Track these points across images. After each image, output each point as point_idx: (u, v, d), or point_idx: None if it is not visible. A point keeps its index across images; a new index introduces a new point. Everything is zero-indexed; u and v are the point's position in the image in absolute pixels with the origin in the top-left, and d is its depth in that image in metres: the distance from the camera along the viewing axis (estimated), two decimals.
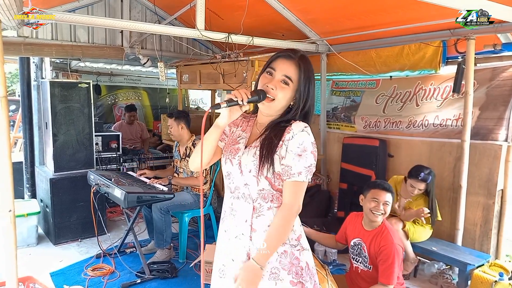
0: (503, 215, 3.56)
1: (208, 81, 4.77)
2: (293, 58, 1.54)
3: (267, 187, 1.54)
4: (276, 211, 1.55)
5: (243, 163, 1.55)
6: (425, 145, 4.01)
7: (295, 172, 1.49)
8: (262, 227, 1.54)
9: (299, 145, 1.49)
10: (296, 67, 1.53)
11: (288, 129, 1.51)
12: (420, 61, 3.95)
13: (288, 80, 1.52)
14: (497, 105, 3.53)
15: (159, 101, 7.70)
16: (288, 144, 1.49)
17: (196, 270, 3.60)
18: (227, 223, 1.64)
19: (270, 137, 1.54)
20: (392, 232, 2.74)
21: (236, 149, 1.61)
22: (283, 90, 1.51)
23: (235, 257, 1.59)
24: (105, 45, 5.11)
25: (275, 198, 1.55)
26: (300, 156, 1.49)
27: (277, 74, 1.53)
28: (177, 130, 3.84)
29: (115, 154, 5.20)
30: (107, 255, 3.81)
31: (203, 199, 1.51)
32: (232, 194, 1.61)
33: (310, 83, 1.55)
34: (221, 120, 1.51)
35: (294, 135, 1.49)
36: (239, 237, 1.58)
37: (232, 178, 1.60)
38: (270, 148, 1.51)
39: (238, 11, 4.48)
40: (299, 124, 1.51)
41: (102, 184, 3.43)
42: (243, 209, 1.57)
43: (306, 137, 1.50)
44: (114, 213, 5.06)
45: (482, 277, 3.11)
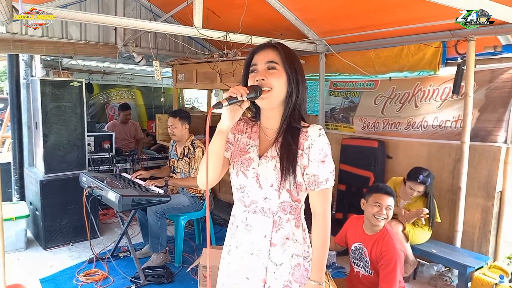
0: (502, 217, 3.55)
1: (205, 81, 4.69)
2: (268, 46, 1.47)
3: (287, 199, 1.47)
4: (295, 222, 1.50)
5: (262, 176, 1.45)
6: (424, 146, 3.98)
7: (323, 180, 1.45)
8: (281, 240, 1.48)
9: (320, 151, 1.43)
10: (274, 50, 1.45)
11: (304, 135, 1.45)
12: (419, 62, 3.91)
13: (273, 65, 1.42)
14: (496, 107, 3.52)
15: (153, 101, 7.58)
16: (309, 153, 1.43)
17: (193, 275, 3.51)
18: (240, 238, 1.54)
19: (287, 144, 1.44)
20: (394, 236, 2.70)
21: (248, 160, 1.50)
22: (273, 75, 1.41)
23: (250, 276, 1.52)
24: (98, 42, 4.98)
25: (293, 209, 1.49)
26: (323, 163, 1.44)
27: (260, 65, 1.44)
28: (180, 130, 3.76)
29: (108, 155, 5.09)
30: (100, 260, 3.71)
31: (209, 204, 1.43)
32: (247, 208, 1.51)
33: (295, 63, 1.45)
34: (223, 124, 1.38)
35: (313, 142, 1.43)
36: (256, 254, 1.50)
37: (247, 192, 1.50)
38: (290, 158, 1.43)
39: (236, 10, 4.39)
40: (314, 128, 1.45)
41: (95, 186, 3.33)
42: (261, 224, 1.49)
43: (324, 141, 1.45)
44: (106, 216, 4.95)
45: (482, 280, 3.08)
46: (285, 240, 1.48)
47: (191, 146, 3.75)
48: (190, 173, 3.72)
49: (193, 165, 3.70)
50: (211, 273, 3.31)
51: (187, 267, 3.64)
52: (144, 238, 3.95)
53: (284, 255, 1.49)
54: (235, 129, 1.58)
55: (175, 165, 3.89)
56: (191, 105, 8.29)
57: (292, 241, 1.50)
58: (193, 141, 3.79)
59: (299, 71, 1.46)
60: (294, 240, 1.50)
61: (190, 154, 3.73)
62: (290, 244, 1.49)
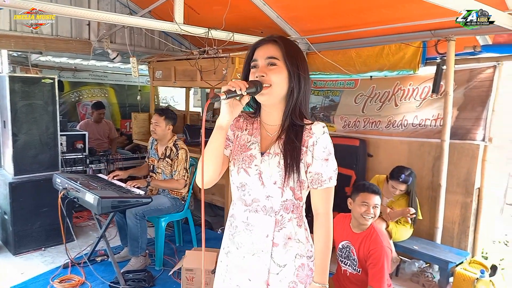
0: (480, 213, 3.64)
1: (184, 78, 4.57)
2: (268, 40, 1.42)
3: (290, 197, 1.43)
4: (297, 221, 1.46)
5: (265, 173, 1.41)
6: (404, 144, 4.03)
7: (326, 179, 1.42)
8: (283, 240, 1.44)
9: (324, 149, 1.41)
10: (276, 45, 1.40)
11: (309, 132, 1.41)
12: (399, 62, 3.95)
13: (273, 60, 1.37)
14: (474, 105, 3.60)
15: (127, 99, 7.36)
16: (313, 150, 1.40)
17: (175, 278, 3.41)
18: (240, 239, 1.48)
19: (291, 141, 1.40)
20: (381, 234, 2.71)
21: (250, 156, 1.45)
22: (273, 71, 1.37)
23: (252, 277, 1.47)
24: (71, 38, 4.78)
25: (295, 207, 1.45)
26: (327, 161, 1.41)
27: (260, 61, 1.39)
28: (163, 129, 3.64)
29: (81, 155, 4.88)
30: (76, 265, 3.53)
31: (204, 207, 1.36)
32: (247, 208, 1.46)
33: (297, 59, 1.40)
34: (223, 119, 1.32)
35: (317, 140, 1.40)
36: (258, 255, 1.45)
37: (248, 190, 1.45)
38: (294, 155, 1.39)
39: (216, 6, 4.32)
40: (319, 126, 1.42)
41: (71, 188, 3.16)
42: (263, 223, 1.44)
43: (328, 139, 1.42)
44: (80, 219, 4.75)
45: (464, 275, 3.14)
46: (288, 240, 1.44)
47: (174, 147, 3.64)
48: (173, 175, 3.60)
49: (176, 168, 3.58)
50: (194, 276, 3.24)
51: (168, 270, 3.52)
52: (122, 241, 3.81)
53: (287, 256, 1.45)
54: (234, 126, 1.53)
55: (155, 164, 3.77)
56: (167, 103, 8.11)
57: (294, 241, 1.46)
58: (176, 142, 3.68)
59: (302, 67, 1.41)
60: (296, 240, 1.46)
61: (173, 156, 3.61)
62: (292, 244, 1.45)
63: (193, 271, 3.19)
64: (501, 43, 3.31)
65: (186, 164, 3.63)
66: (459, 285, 3.14)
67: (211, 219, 4.89)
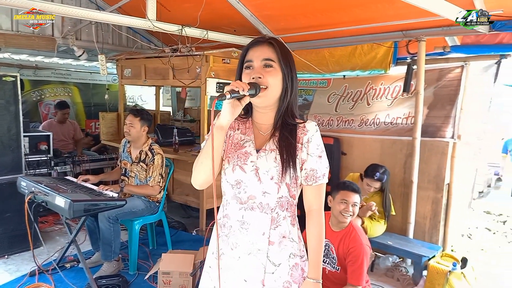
0: (449, 208, 3.76)
1: (155, 77, 4.46)
2: (263, 41, 1.43)
3: (285, 194, 1.43)
4: (290, 220, 1.46)
5: (262, 169, 1.41)
6: (377, 142, 4.12)
7: (320, 175, 1.44)
8: (278, 238, 1.44)
9: (317, 146, 1.44)
10: (271, 47, 1.41)
11: (303, 130, 1.44)
12: (371, 61, 4.03)
13: (270, 62, 1.39)
14: (444, 104, 3.73)
15: (92, 98, 7.07)
16: (308, 147, 1.43)
17: (151, 282, 3.30)
18: (235, 239, 1.45)
19: (286, 138, 1.42)
20: (360, 232, 2.74)
21: (245, 154, 1.45)
22: (270, 74, 1.38)
23: (248, 277, 1.44)
24: (33, 34, 4.54)
25: (289, 205, 1.46)
26: (321, 158, 1.45)
27: (256, 62, 1.40)
28: (138, 131, 3.49)
29: (45, 157, 4.64)
30: (44, 272, 3.35)
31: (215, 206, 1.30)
32: (243, 205, 1.43)
33: (289, 60, 1.43)
34: (224, 119, 1.33)
35: (311, 137, 1.43)
36: (254, 254, 1.43)
37: (244, 187, 1.43)
38: (290, 151, 1.41)
39: (187, 4, 4.24)
40: (312, 124, 1.46)
41: (39, 191, 2.98)
42: (259, 221, 1.43)
43: (320, 137, 1.47)
44: (45, 224, 4.51)
45: (437, 268, 3.24)
46: (282, 239, 1.44)
47: (150, 152, 3.51)
48: (148, 181, 3.49)
49: (151, 173, 3.46)
50: (171, 279, 3.16)
51: (143, 274, 3.41)
52: (93, 246, 3.65)
53: (281, 255, 1.45)
54: None
55: (128, 168, 3.63)
56: (134, 102, 7.89)
57: (288, 240, 1.46)
58: (151, 146, 3.55)
59: (293, 68, 1.45)
60: (290, 239, 1.46)
61: (148, 161, 3.49)
62: (287, 243, 1.45)
63: (170, 274, 3.11)
64: (469, 44, 3.45)
65: (162, 169, 3.51)
66: (433, 278, 3.23)
67: (185, 221, 4.79)
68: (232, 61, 4.15)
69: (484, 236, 5.03)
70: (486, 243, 4.73)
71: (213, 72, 3.96)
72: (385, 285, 3.46)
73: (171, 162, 3.91)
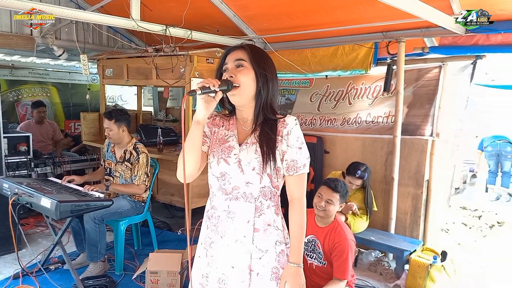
0: (429, 203, 3.89)
1: (138, 76, 4.43)
2: (238, 47, 1.56)
3: (268, 184, 1.52)
4: (274, 209, 1.56)
5: (244, 161, 1.51)
6: (359, 141, 4.21)
7: (301, 165, 1.53)
8: (263, 226, 1.54)
9: (297, 138, 1.53)
10: (243, 50, 1.53)
11: (282, 124, 1.53)
12: (352, 62, 4.12)
13: (240, 62, 1.49)
14: (423, 103, 3.85)
15: (71, 98, 6.94)
16: (288, 139, 1.52)
17: (138, 282, 3.30)
18: (223, 228, 1.56)
19: (266, 132, 1.52)
20: (345, 228, 2.81)
21: (229, 147, 1.55)
22: (241, 72, 1.48)
23: (235, 264, 1.55)
24: (11, 33, 4.44)
25: (273, 195, 1.55)
26: (300, 149, 1.53)
27: (229, 64, 1.52)
28: (117, 133, 3.46)
29: (25, 158, 4.55)
30: (28, 274, 3.30)
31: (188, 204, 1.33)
32: (228, 196, 1.54)
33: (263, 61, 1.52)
34: (199, 114, 1.42)
35: (291, 130, 1.52)
36: (240, 241, 1.54)
37: (228, 179, 1.53)
38: (270, 144, 1.51)
39: (169, 3, 4.23)
40: (291, 118, 1.55)
41: (23, 193, 2.94)
42: (243, 209, 1.53)
43: (299, 129, 1.56)
44: (26, 226, 4.43)
45: (419, 262, 3.35)
46: (267, 227, 1.54)
47: (134, 151, 3.49)
48: (133, 180, 3.47)
49: (136, 172, 3.45)
50: (159, 278, 3.16)
51: (129, 275, 3.41)
52: (78, 247, 3.61)
53: (267, 242, 1.54)
54: (211, 124, 1.64)
55: (113, 167, 3.60)
56: (114, 103, 7.78)
57: (273, 228, 1.55)
58: (135, 145, 3.53)
59: (268, 68, 1.53)
60: (275, 227, 1.56)
61: (133, 160, 3.48)
62: (272, 230, 1.55)
63: (157, 273, 3.11)
64: (446, 45, 3.58)
65: (147, 168, 3.51)
66: (414, 271, 3.35)
67: (169, 221, 4.78)
68: (216, 61, 4.17)
69: (461, 231, 5.21)
70: (463, 237, 4.90)
71: (197, 72, 3.98)
72: (369, 279, 3.55)
73: (156, 162, 3.91)
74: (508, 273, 3.90)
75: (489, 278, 3.72)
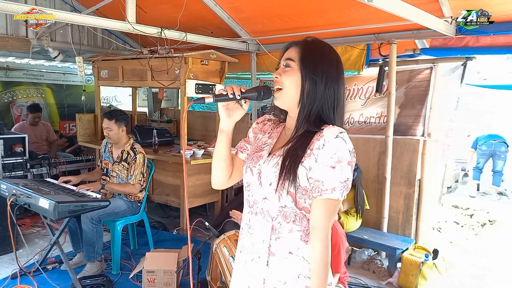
0: (421, 202, 3.96)
1: (133, 78, 4.47)
2: (295, 43, 1.36)
3: (289, 204, 1.29)
4: (301, 235, 1.30)
5: (263, 173, 1.33)
6: (351, 141, 4.24)
7: (328, 188, 1.22)
8: (282, 252, 1.31)
9: (332, 155, 1.21)
10: (297, 47, 1.33)
11: (318, 135, 1.25)
12: (345, 63, 4.17)
13: (289, 62, 1.31)
14: (414, 104, 3.93)
15: (65, 99, 6.96)
16: (318, 154, 1.23)
17: (134, 281, 3.34)
18: (243, 242, 1.43)
19: (297, 145, 1.29)
20: (336, 223, 2.87)
21: (259, 157, 1.39)
22: (286, 73, 1.30)
23: (251, 285, 1.40)
24: (6, 35, 4.45)
25: (298, 218, 1.30)
26: (333, 169, 1.21)
27: (281, 63, 1.36)
28: (117, 133, 3.50)
29: (20, 159, 4.56)
30: (26, 274, 3.32)
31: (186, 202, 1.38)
32: (250, 209, 1.40)
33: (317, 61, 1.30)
34: (222, 122, 1.36)
35: (325, 143, 1.22)
36: (256, 261, 1.36)
37: (251, 190, 1.39)
38: (294, 158, 1.27)
39: (163, 5, 4.27)
40: (332, 129, 1.24)
41: (21, 194, 2.97)
42: (261, 227, 1.35)
43: (342, 145, 1.22)
44: (23, 226, 4.45)
45: (411, 260, 3.42)
46: (288, 255, 1.31)
47: (132, 151, 3.53)
48: (129, 179, 3.51)
49: (133, 172, 3.49)
50: (156, 278, 3.20)
51: (126, 274, 3.44)
52: (74, 247, 3.65)
53: (288, 273, 1.31)
54: (258, 129, 1.52)
55: (110, 167, 3.64)
56: (108, 103, 7.80)
57: (297, 257, 1.30)
58: (133, 145, 3.57)
59: (319, 70, 1.29)
60: (300, 258, 1.30)
61: (130, 160, 3.52)
62: (295, 260, 1.30)
63: (154, 272, 3.15)
64: (437, 46, 3.65)
65: (143, 168, 3.55)
66: (407, 269, 3.41)
67: (164, 220, 4.82)
68: (210, 62, 4.23)
69: (453, 229, 5.29)
70: (455, 236, 4.98)
71: (192, 74, 4.02)
72: (362, 277, 3.61)
73: (152, 163, 3.95)
74: (500, 270, 3.98)
75: (481, 276, 3.79)
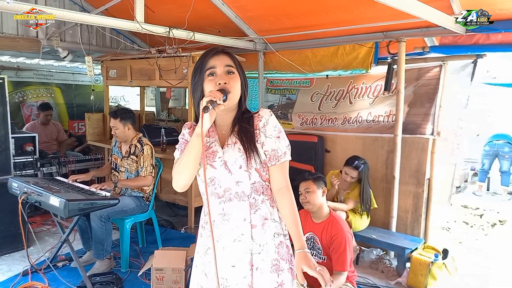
0: (430, 202, 3.93)
1: (141, 77, 4.50)
2: (220, 51, 1.58)
3: (257, 179, 1.56)
4: (269, 202, 1.59)
5: (229, 161, 1.55)
6: (359, 140, 4.26)
7: (281, 154, 1.56)
8: (260, 221, 1.57)
9: (274, 128, 1.58)
10: (228, 56, 1.58)
11: (257, 117, 1.60)
12: (353, 61, 4.17)
13: (232, 69, 1.55)
14: (423, 102, 3.90)
15: (74, 99, 7.03)
16: (265, 130, 1.57)
17: (143, 279, 3.36)
18: (219, 232, 1.57)
19: (244, 128, 1.58)
20: (341, 221, 2.85)
21: (213, 152, 1.58)
22: (233, 79, 1.53)
23: (236, 262, 1.57)
24: (17, 35, 4.50)
25: (265, 189, 1.58)
26: (279, 138, 1.57)
27: (219, 69, 1.53)
28: (123, 131, 3.55)
29: (31, 158, 4.62)
30: (37, 271, 3.37)
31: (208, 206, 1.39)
32: (221, 199, 1.56)
33: (242, 68, 1.61)
34: (205, 127, 1.45)
35: (267, 121, 1.58)
36: (239, 239, 1.56)
37: (218, 182, 1.56)
38: (250, 138, 1.56)
39: (169, 5, 4.29)
40: (265, 111, 1.62)
41: (32, 192, 3.01)
42: (238, 209, 1.55)
43: (276, 120, 1.61)
44: (33, 224, 4.50)
45: (420, 259, 3.39)
46: (264, 221, 1.57)
47: (139, 144, 3.58)
48: (140, 172, 3.54)
49: (142, 164, 3.53)
50: (164, 275, 3.22)
51: (134, 272, 3.47)
52: (84, 245, 3.68)
53: (266, 235, 1.57)
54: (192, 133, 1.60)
55: (119, 163, 3.67)
56: (116, 103, 7.86)
57: (271, 221, 1.59)
58: (140, 138, 3.62)
59: (243, 72, 1.61)
60: (272, 220, 1.59)
61: (138, 152, 3.55)
62: (270, 223, 1.58)
63: (163, 270, 3.17)
64: (447, 44, 3.62)
65: (152, 160, 3.59)
66: (416, 269, 3.38)
67: (172, 219, 4.85)
68: None
69: (462, 229, 5.24)
70: (464, 236, 4.93)
71: None
72: (370, 277, 3.59)
73: (160, 162, 3.97)
74: (510, 272, 3.93)
75: (490, 277, 3.74)
